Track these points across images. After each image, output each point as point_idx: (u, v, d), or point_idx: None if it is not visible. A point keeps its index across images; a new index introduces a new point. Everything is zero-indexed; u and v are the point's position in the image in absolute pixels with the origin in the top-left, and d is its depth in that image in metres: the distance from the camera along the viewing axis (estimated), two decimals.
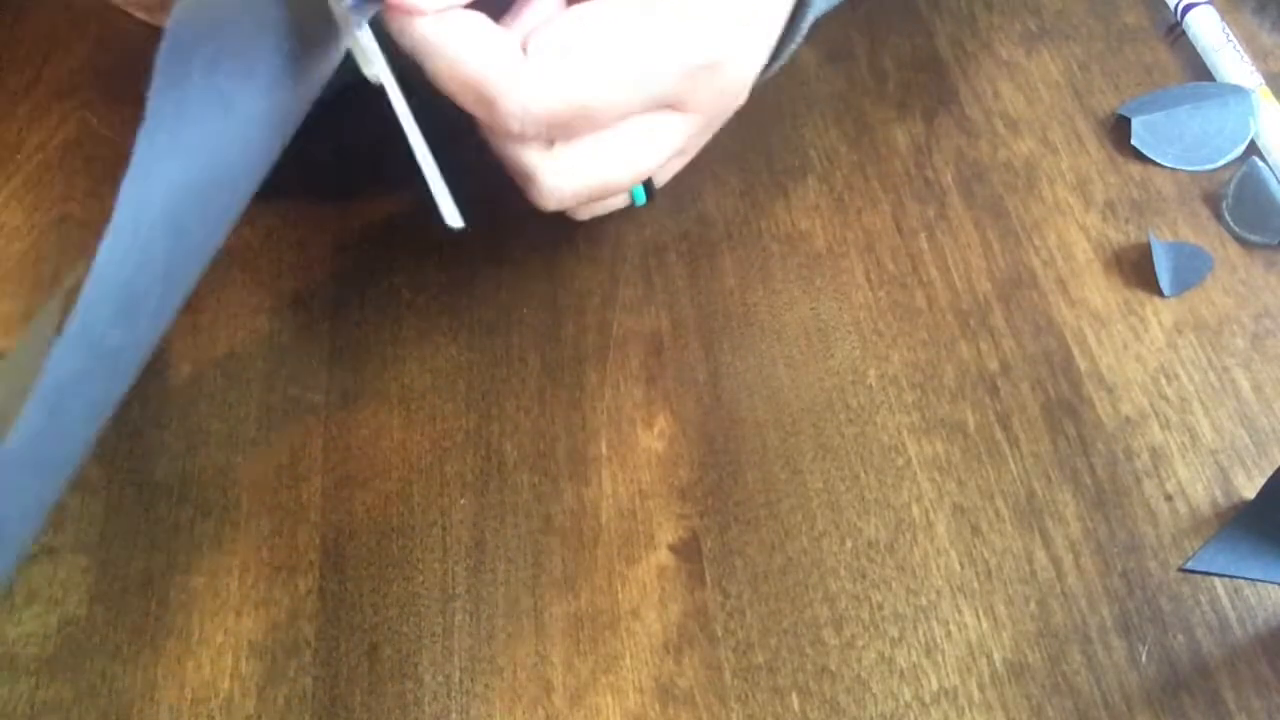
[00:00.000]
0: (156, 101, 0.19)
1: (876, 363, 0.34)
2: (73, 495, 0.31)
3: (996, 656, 0.28)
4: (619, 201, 0.34)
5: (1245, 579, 0.28)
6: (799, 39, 0.33)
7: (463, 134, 0.29)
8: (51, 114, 0.39)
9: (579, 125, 0.28)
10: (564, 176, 0.29)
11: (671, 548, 0.30)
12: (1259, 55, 0.40)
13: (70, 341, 0.18)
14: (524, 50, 0.26)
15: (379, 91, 0.26)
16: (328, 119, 0.39)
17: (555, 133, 0.28)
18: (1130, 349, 0.34)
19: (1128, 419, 0.32)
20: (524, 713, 0.28)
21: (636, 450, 0.32)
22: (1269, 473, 0.27)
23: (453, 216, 0.26)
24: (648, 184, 0.34)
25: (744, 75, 0.31)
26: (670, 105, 0.29)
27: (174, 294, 0.22)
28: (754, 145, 0.38)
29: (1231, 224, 0.36)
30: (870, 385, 0.33)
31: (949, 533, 0.30)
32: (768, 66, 0.32)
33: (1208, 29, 0.40)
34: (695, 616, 0.29)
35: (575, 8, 0.27)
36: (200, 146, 0.21)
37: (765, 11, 0.30)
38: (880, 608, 0.29)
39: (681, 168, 0.34)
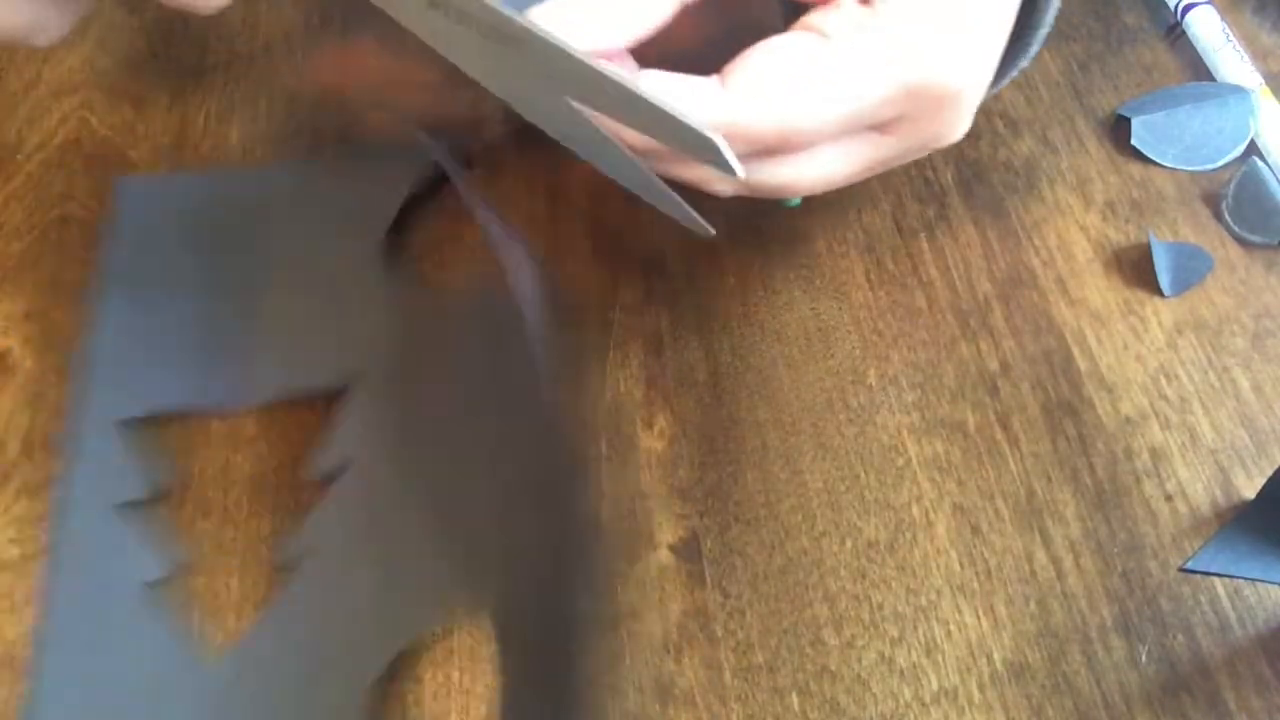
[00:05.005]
0: None
1: (876, 363, 0.34)
2: None
3: (996, 656, 0.28)
4: None
5: (1245, 579, 0.28)
6: (1031, 54, 0.31)
7: None
8: (51, 114, 0.39)
9: (779, 149, 0.26)
10: (725, 185, 0.28)
11: (671, 548, 0.30)
12: (1259, 55, 0.40)
13: None
14: (722, 76, 0.26)
15: None
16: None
17: (754, 156, 0.26)
18: (1130, 349, 0.34)
19: (1128, 419, 0.32)
20: None
21: (636, 450, 0.32)
22: (1269, 473, 0.27)
23: (704, 227, 0.27)
24: None
25: (963, 95, 0.28)
26: (877, 128, 0.27)
27: None
28: None
29: (1231, 224, 0.36)
30: (870, 385, 0.33)
31: (949, 533, 0.30)
32: (993, 84, 0.30)
33: (1208, 29, 0.40)
34: (695, 616, 0.29)
35: (773, 38, 0.26)
36: None
37: (985, 23, 0.27)
38: (880, 608, 0.29)
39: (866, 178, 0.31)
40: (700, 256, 0.36)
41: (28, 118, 0.39)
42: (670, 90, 0.25)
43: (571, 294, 0.35)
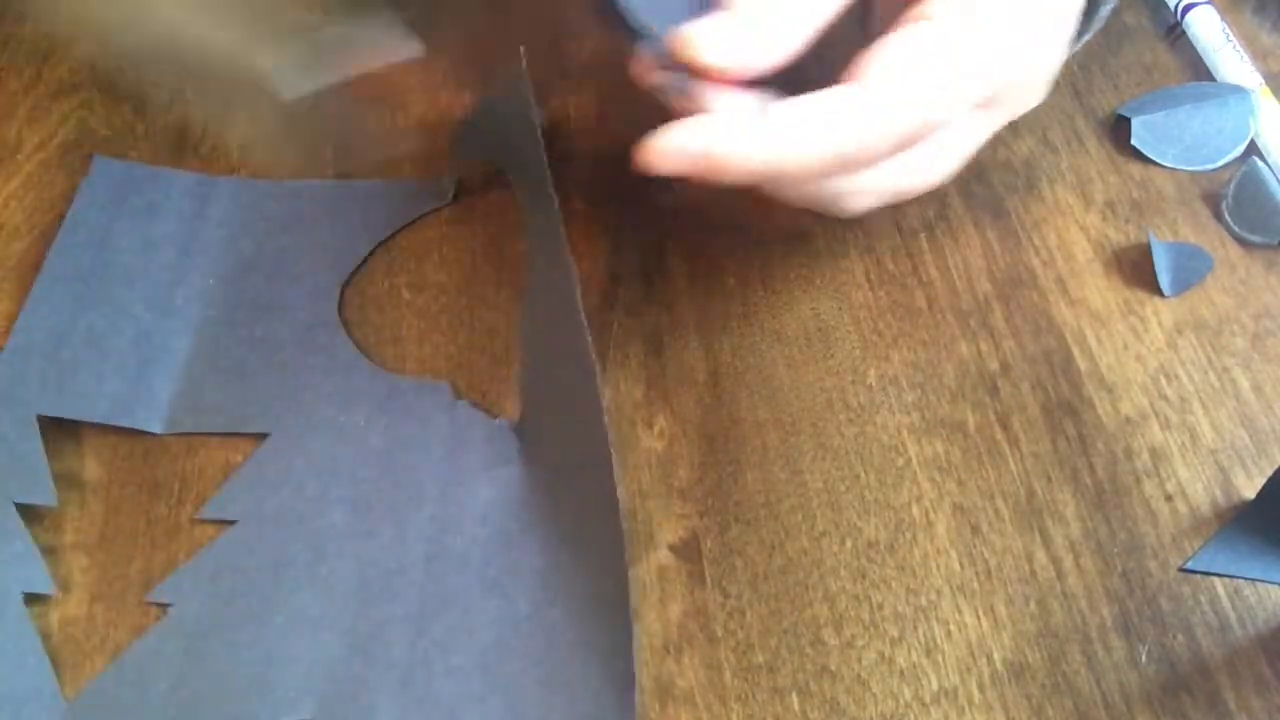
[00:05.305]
0: None
1: (876, 363, 0.34)
2: (73, 495, 0.31)
3: (996, 656, 0.28)
4: None
5: (1245, 579, 0.28)
6: (1094, 30, 0.33)
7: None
8: (51, 114, 0.39)
9: (917, 138, 0.27)
10: (869, 196, 0.29)
11: (671, 548, 0.30)
12: (1259, 55, 0.40)
13: None
14: (854, 80, 0.26)
15: None
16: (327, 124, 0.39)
17: (898, 150, 0.28)
18: (1130, 349, 0.34)
19: (1128, 419, 0.32)
20: None
21: (636, 450, 0.32)
22: (1269, 473, 0.27)
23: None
24: None
25: (1052, 71, 0.31)
26: (982, 106, 0.29)
27: None
28: None
29: (1231, 224, 0.36)
30: (870, 385, 0.33)
31: (949, 533, 0.30)
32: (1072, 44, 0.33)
33: (1208, 29, 0.40)
34: (695, 616, 0.29)
35: (888, 35, 0.27)
36: None
37: (1071, 7, 0.30)
38: (880, 608, 0.29)
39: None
40: (700, 256, 0.36)
41: (28, 118, 0.39)
42: (811, 106, 0.26)
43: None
